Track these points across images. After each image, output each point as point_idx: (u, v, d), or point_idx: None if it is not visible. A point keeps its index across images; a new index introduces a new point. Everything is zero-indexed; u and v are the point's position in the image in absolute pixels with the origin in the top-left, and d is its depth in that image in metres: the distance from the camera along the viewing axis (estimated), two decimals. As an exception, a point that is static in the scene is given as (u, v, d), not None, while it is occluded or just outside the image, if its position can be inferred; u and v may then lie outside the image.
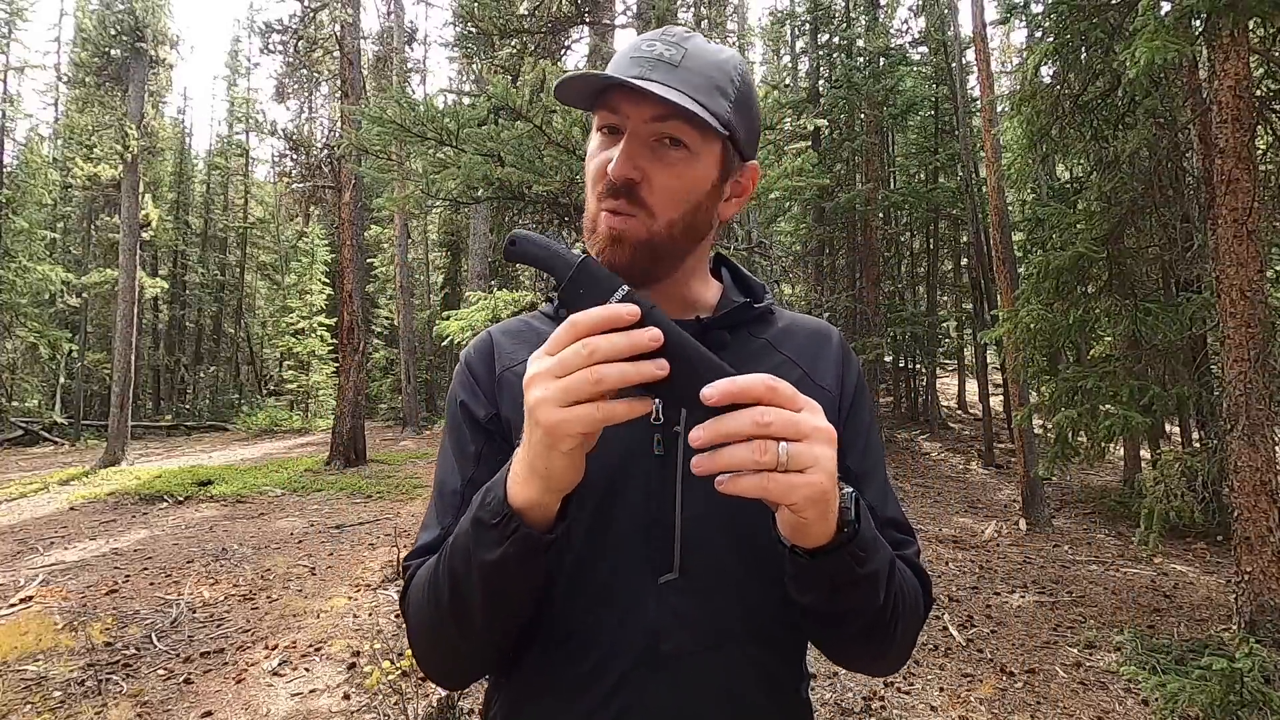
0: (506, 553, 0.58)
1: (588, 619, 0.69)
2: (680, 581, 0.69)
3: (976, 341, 11.83)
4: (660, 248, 0.71)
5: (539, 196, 4.34)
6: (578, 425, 0.51)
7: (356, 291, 11.61)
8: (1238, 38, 3.74)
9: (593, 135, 0.74)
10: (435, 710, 3.03)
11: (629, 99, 0.68)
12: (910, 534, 0.80)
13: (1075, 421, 5.19)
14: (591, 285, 0.55)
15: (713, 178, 0.73)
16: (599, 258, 0.72)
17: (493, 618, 0.64)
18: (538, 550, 0.59)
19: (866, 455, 0.79)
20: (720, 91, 0.69)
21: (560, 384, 0.51)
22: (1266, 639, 3.53)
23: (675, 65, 0.68)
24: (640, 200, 0.69)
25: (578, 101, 0.73)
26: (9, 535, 6.70)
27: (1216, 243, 3.88)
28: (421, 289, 22.92)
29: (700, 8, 15.15)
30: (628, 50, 0.71)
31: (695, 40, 0.71)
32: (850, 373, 0.81)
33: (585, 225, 0.75)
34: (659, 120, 0.67)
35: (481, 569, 0.60)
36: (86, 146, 15.40)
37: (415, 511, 7.73)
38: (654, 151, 0.69)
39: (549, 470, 0.55)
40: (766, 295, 0.84)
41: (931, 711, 3.34)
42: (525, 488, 0.57)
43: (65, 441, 16.02)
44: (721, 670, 0.69)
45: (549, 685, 0.70)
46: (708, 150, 0.71)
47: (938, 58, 14.11)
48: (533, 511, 0.58)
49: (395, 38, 19.41)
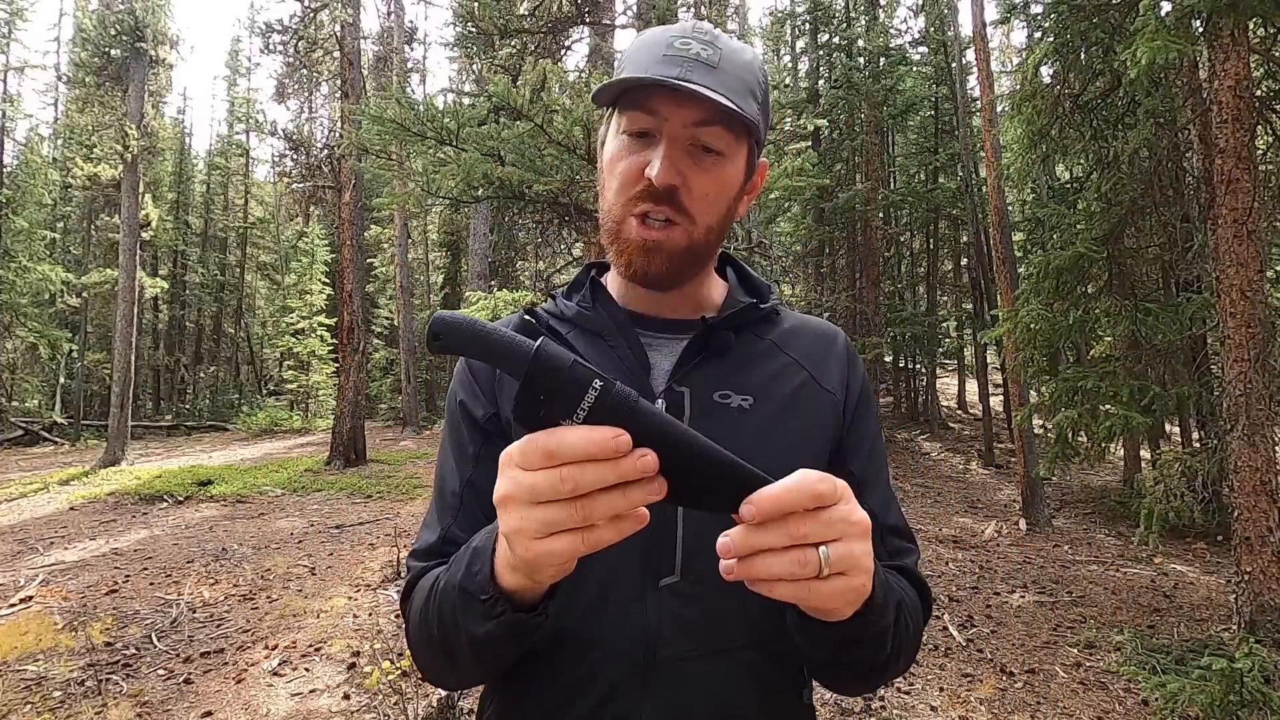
0: (494, 631, 0.56)
1: (585, 622, 0.67)
2: (681, 585, 0.67)
3: (976, 341, 11.83)
4: (698, 254, 0.71)
5: (539, 196, 4.34)
6: (557, 559, 0.46)
7: (356, 291, 11.61)
8: (1238, 38, 3.74)
9: (613, 136, 0.71)
10: (435, 710, 3.03)
11: (671, 101, 0.65)
12: (912, 541, 0.79)
13: (1075, 421, 5.19)
14: (555, 391, 0.44)
15: (741, 180, 0.72)
16: (628, 267, 0.70)
17: (482, 670, 0.65)
18: (527, 629, 0.57)
19: (870, 461, 0.78)
20: (751, 94, 0.68)
21: (538, 515, 0.45)
22: (1266, 639, 3.53)
23: (714, 66, 0.65)
24: (682, 206, 0.68)
25: (607, 98, 0.70)
26: (9, 535, 6.70)
27: (1216, 243, 3.88)
28: (421, 289, 22.91)
29: (700, 8, 15.14)
30: (655, 46, 0.67)
31: (725, 39, 0.69)
32: (855, 376, 0.80)
33: (606, 228, 0.72)
34: (699, 125, 0.66)
35: (470, 638, 0.58)
36: (86, 146, 15.42)
37: (415, 511, 7.73)
38: (691, 156, 0.67)
39: (532, 580, 0.52)
40: (772, 295, 0.83)
41: (931, 711, 3.34)
42: (511, 576, 0.53)
43: (65, 441, 16.02)
44: (720, 678, 0.67)
45: (544, 689, 0.69)
46: (739, 153, 0.70)
47: (938, 58, 14.11)
48: (521, 593, 0.55)
49: (395, 38, 19.42)
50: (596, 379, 0.44)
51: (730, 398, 0.72)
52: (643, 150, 0.68)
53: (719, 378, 0.73)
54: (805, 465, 0.50)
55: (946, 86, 13.76)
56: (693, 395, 0.71)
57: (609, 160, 0.71)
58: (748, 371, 0.74)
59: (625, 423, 0.44)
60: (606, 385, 0.44)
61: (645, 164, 0.66)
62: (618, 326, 0.75)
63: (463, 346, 0.46)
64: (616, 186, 0.69)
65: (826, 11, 14.95)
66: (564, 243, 8.88)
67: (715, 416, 0.70)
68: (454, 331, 0.46)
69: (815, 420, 0.75)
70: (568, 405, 0.44)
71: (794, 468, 0.48)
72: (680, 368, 0.72)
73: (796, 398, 0.75)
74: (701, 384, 0.72)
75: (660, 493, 0.45)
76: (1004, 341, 6.61)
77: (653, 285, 0.72)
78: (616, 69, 0.74)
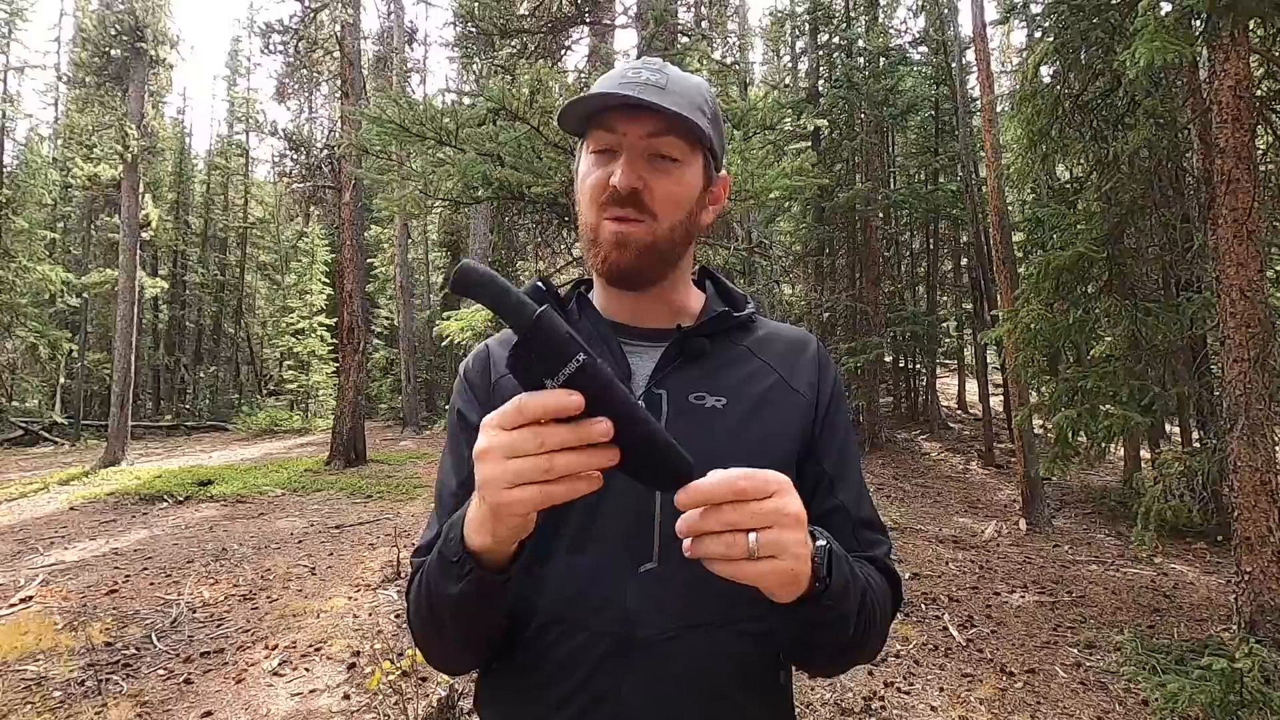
0: (465, 590, 0.63)
1: (570, 607, 0.72)
2: (660, 570, 0.72)
3: (976, 341, 11.84)
4: (662, 250, 0.78)
5: (538, 197, 4.34)
6: (521, 507, 0.53)
7: (356, 291, 11.61)
8: (1238, 38, 3.74)
9: (583, 159, 0.80)
10: (435, 710, 3.03)
11: (626, 118, 0.75)
12: (883, 533, 0.84)
13: (1075, 421, 5.19)
14: (545, 353, 0.51)
15: (699, 185, 0.80)
16: (604, 263, 0.78)
17: (465, 635, 0.71)
18: (493, 589, 0.63)
19: (841, 459, 0.83)
20: (699, 110, 0.77)
21: (510, 466, 0.52)
22: (1266, 639, 3.53)
23: (662, 88, 0.75)
24: (645, 206, 0.75)
25: (574, 126, 0.80)
26: (9, 535, 6.70)
27: (1216, 243, 3.88)
28: (421, 289, 22.92)
29: (700, 8, 15.15)
30: (613, 78, 0.77)
31: (672, 69, 0.79)
32: (827, 379, 0.85)
33: (584, 238, 0.80)
34: (654, 136, 0.75)
35: (446, 600, 0.65)
36: (86, 146, 15.42)
37: (415, 511, 7.73)
38: (650, 164, 0.76)
39: (495, 533, 0.59)
40: (748, 305, 0.89)
41: (931, 711, 3.33)
42: (478, 536, 0.60)
43: (65, 441, 16.02)
44: (697, 657, 0.72)
45: (530, 672, 0.74)
46: (694, 161, 0.79)
47: (938, 58, 14.10)
48: (487, 554, 0.61)
49: (395, 38, 19.41)
50: (581, 353, 0.51)
51: (705, 399, 0.78)
52: (607, 164, 0.76)
53: (695, 380, 0.79)
54: (774, 460, 0.61)
55: (946, 86, 13.76)
56: (670, 396, 0.77)
57: (580, 179, 0.80)
58: (722, 375, 0.81)
59: (595, 393, 0.51)
60: (589, 360, 0.51)
61: (610, 174, 0.75)
62: (600, 335, 0.81)
63: (479, 294, 0.52)
64: (588, 198, 0.78)
65: (826, 11, 14.93)
66: (564, 243, 8.88)
67: (691, 416, 0.77)
68: (476, 280, 0.52)
69: (784, 419, 0.81)
70: (551, 368, 0.51)
71: (764, 462, 0.56)
72: (658, 372, 0.79)
73: (767, 399, 0.81)
74: (678, 386, 0.78)
75: (613, 460, 0.53)
76: (1004, 341, 6.61)
77: (626, 281, 0.79)
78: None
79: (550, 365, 0.51)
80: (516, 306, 0.51)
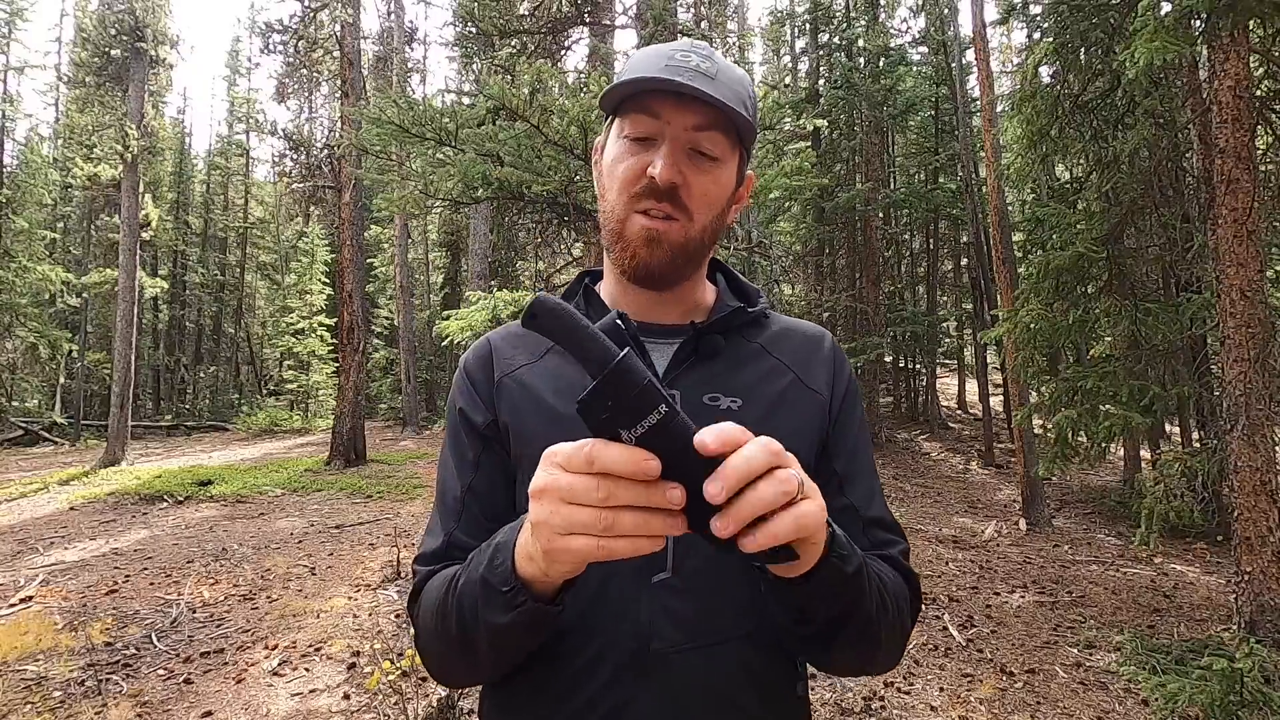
0: (515, 620, 0.59)
1: (585, 617, 0.70)
2: (674, 581, 0.70)
3: (976, 341, 11.83)
4: (694, 251, 0.74)
5: (538, 196, 4.34)
6: (574, 557, 0.49)
7: (356, 291, 11.61)
8: (1238, 38, 3.74)
9: (615, 142, 0.75)
10: (435, 710, 3.03)
11: (673, 104, 0.69)
12: (898, 533, 0.80)
13: (1075, 421, 5.19)
14: (622, 401, 0.45)
15: (733, 185, 0.76)
16: (631, 259, 0.73)
17: (498, 659, 0.67)
18: (545, 619, 0.60)
19: (855, 458, 0.81)
20: (744, 105, 0.72)
21: (567, 512, 0.48)
22: (1266, 639, 3.53)
23: (712, 77, 0.70)
24: (682, 203, 0.71)
25: (612, 105, 0.74)
26: (9, 535, 6.70)
27: (1216, 243, 3.88)
28: (421, 289, 22.91)
29: (700, 8, 15.14)
30: (657, 57, 0.71)
31: (720, 56, 0.74)
32: (841, 377, 0.83)
33: (608, 228, 0.76)
34: (698, 130, 0.70)
35: (489, 629, 0.61)
36: (86, 146, 15.41)
37: (415, 511, 7.73)
38: (690, 158, 0.71)
39: (548, 571, 0.55)
40: (761, 300, 0.86)
41: (931, 711, 3.33)
42: (529, 567, 0.57)
43: (65, 441, 16.02)
44: (712, 670, 0.69)
45: (542, 684, 0.71)
46: (732, 160, 0.74)
47: (938, 58, 14.11)
48: (539, 584, 0.58)
49: (395, 38, 19.41)
50: (663, 404, 0.46)
51: (719, 399, 0.75)
52: (644, 153, 0.71)
53: (708, 380, 0.76)
54: None
55: (946, 86, 13.75)
56: (683, 398, 0.74)
57: (610, 163, 0.75)
58: (736, 374, 0.78)
59: (671, 456, 0.46)
60: (670, 413, 0.46)
61: (648, 164, 0.70)
62: (631, 335, 0.77)
63: (552, 333, 0.49)
64: (619, 186, 0.73)
65: (826, 12, 14.94)
66: (564, 243, 8.88)
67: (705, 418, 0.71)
68: (551, 317, 0.49)
69: (801, 420, 0.78)
70: (630, 419, 0.46)
71: None
72: (671, 371, 0.76)
73: (783, 398, 0.78)
74: (691, 387, 0.75)
75: (678, 529, 0.48)
76: (1004, 341, 6.61)
77: (653, 280, 0.75)
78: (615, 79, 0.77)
79: (630, 416, 0.46)
80: (595, 348, 0.47)
